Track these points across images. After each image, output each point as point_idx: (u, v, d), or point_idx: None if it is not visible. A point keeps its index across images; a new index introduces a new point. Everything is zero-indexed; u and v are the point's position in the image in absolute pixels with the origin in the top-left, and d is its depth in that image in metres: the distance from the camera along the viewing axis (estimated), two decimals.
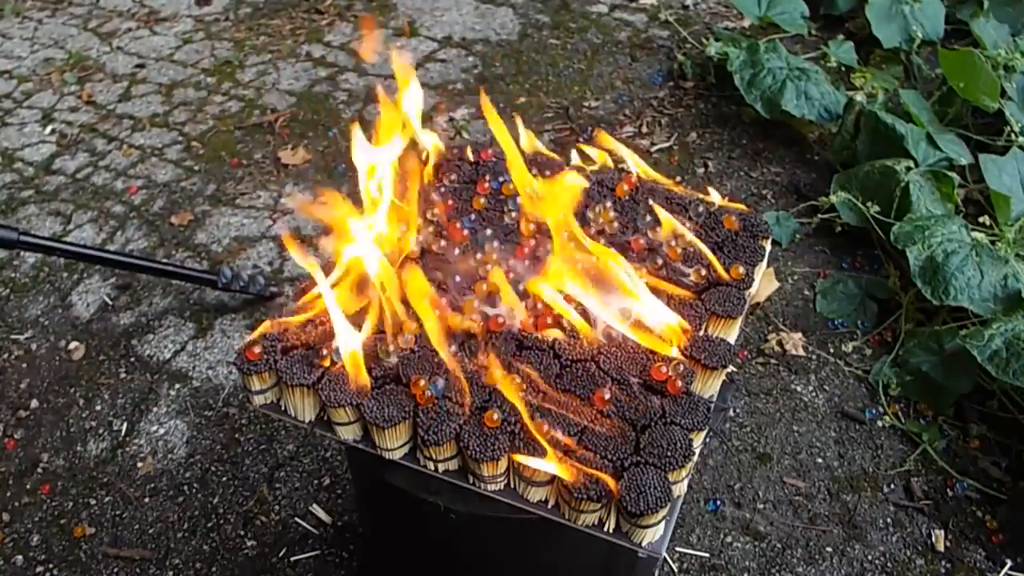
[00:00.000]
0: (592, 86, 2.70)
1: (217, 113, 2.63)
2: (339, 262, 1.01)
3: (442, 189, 1.22)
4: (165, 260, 2.10)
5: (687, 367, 0.96)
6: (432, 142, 1.22)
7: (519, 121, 1.23)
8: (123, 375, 1.84)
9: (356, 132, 1.02)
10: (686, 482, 0.92)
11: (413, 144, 1.14)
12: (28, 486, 1.63)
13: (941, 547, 1.51)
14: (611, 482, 0.86)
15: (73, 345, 1.90)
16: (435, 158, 1.24)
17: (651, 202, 1.15)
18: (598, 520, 0.90)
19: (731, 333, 1.05)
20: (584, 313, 1.00)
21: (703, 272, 1.07)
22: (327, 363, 0.96)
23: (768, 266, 1.89)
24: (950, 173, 1.96)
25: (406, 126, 1.11)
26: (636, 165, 1.21)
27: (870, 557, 1.50)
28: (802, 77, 2.32)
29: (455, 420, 0.91)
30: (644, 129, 2.50)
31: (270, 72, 2.81)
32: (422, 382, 0.93)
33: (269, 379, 0.99)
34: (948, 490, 1.59)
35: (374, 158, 1.04)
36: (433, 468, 0.94)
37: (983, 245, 1.76)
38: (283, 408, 1.01)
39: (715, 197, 1.18)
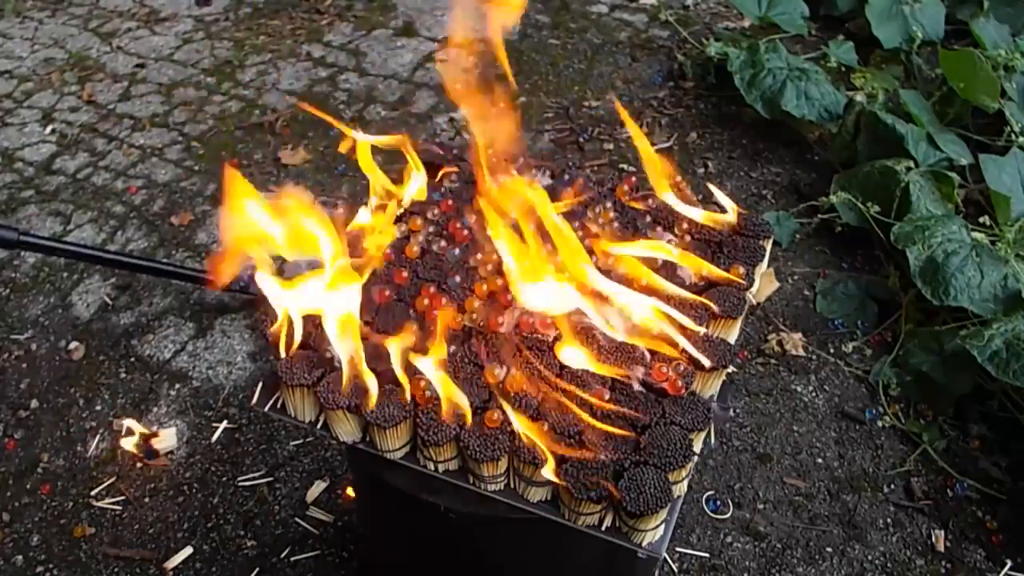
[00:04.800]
0: (592, 86, 2.70)
1: (217, 113, 2.63)
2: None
3: (443, 189, 1.22)
4: (165, 260, 2.10)
5: (687, 367, 0.96)
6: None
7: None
8: (123, 375, 1.83)
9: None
10: (686, 482, 0.92)
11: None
12: (28, 486, 1.63)
13: (941, 547, 1.51)
14: (611, 483, 0.86)
15: (73, 345, 1.90)
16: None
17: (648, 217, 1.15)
18: (598, 520, 0.90)
19: (731, 333, 1.05)
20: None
21: (703, 272, 1.07)
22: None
23: (768, 266, 1.89)
24: (950, 173, 1.96)
25: None
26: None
27: (870, 557, 1.50)
28: (802, 77, 2.32)
29: (455, 420, 0.91)
30: (644, 129, 2.50)
31: (270, 72, 2.81)
32: (423, 382, 0.93)
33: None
34: (948, 490, 1.59)
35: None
36: (433, 468, 0.94)
37: (983, 245, 1.76)
38: (283, 408, 1.01)
39: (727, 204, 1.14)
